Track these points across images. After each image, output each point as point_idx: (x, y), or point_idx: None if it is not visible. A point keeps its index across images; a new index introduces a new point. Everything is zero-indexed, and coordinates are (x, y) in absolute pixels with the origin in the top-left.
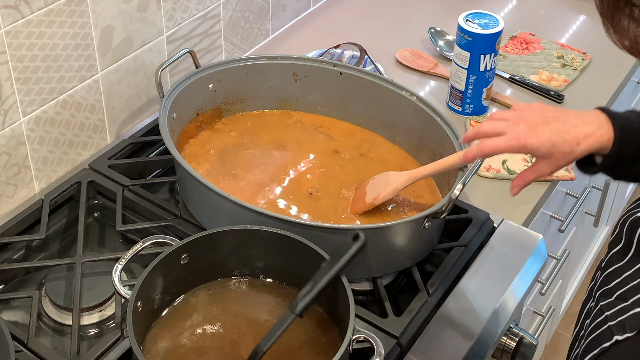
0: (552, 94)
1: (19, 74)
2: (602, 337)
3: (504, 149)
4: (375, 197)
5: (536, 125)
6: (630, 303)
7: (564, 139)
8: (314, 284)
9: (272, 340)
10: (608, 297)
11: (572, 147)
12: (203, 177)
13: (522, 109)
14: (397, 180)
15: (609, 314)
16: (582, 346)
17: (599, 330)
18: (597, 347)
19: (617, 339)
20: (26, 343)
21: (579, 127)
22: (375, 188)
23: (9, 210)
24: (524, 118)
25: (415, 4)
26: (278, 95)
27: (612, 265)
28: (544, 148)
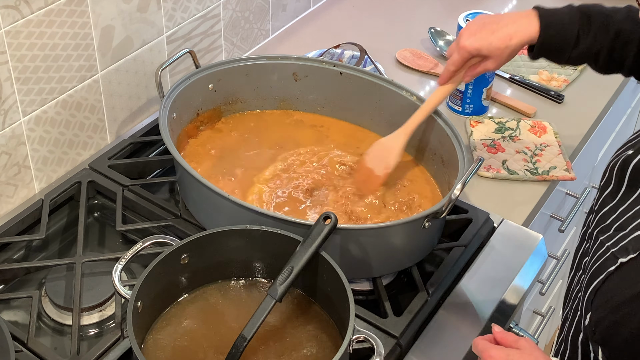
0: (552, 94)
1: (19, 74)
2: (606, 264)
3: (458, 60)
4: (387, 166)
5: (475, 32)
6: (629, 230)
7: (498, 37)
8: (292, 268)
9: (255, 328)
10: (606, 232)
11: (506, 42)
12: (203, 177)
13: (464, 27)
14: (396, 141)
15: (610, 244)
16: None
17: (601, 260)
18: (602, 273)
19: (621, 262)
20: (26, 343)
21: (510, 25)
22: (378, 159)
23: (9, 210)
24: (466, 31)
25: (415, 4)
26: (278, 95)
27: (606, 206)
28: (485, 48)
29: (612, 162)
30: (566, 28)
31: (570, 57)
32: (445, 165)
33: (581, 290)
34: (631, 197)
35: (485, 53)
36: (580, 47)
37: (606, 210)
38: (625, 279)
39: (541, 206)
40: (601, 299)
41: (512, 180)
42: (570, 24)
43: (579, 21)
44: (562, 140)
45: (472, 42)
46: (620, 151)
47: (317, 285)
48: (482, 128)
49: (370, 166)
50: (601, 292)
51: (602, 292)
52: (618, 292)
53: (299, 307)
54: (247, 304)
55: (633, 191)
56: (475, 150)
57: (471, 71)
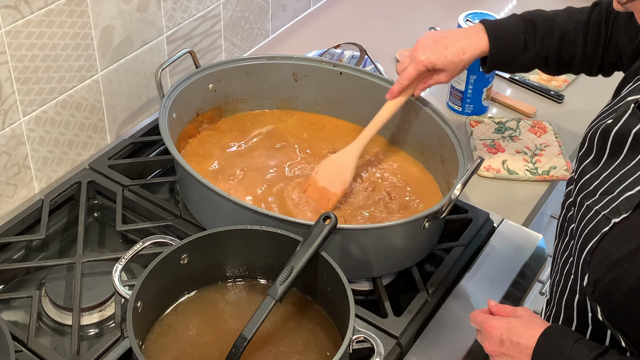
0: (552, 94)
1: (19, 74)
2: (599, 226)
3: (413, 74)
4: (343, 182)
5: (429, 47)
6: (617, 193)
7: (452, 51)
8: (292, 268)
9: (255, 328)
10: (591, 197)
11: (460, 56)
12: (203, 177)
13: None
14: (348, 157)
15: (599, 207)
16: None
17: (593, 223)
18: (597, 235)
19: (614, 222)
20: (26, 343)
21: (462, 41)
22: (332, 176)
23: (9, 210)
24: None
25: (415, 4)
26: (278, 95)
27: (587, 174)
28: (440, 62)
29: (591, 131)
30: (513, 38)
31: (522, 64)
32: (445, 165)
33: (572, 254)
34: (614, 163)
35: (440, 67)
36: (529, 54)
37: (588, 178)
38: (619, 237)
39: (541, 206)
40: (598, 259)
41: (512, 180)
42: (517, 33)
43: (524, 30)
44: (562, 140)
45: (427, 57)
46: (596, 121)
47: (317, 285)
48: (482, 128)
49: (322, 184)
50: (597, 252)
51: (598, 252)
52: (614, 250)
53: (299, 307)
54: (247, 304)
55: (615, 157)
56: (475, 150)
57: (423, 84)
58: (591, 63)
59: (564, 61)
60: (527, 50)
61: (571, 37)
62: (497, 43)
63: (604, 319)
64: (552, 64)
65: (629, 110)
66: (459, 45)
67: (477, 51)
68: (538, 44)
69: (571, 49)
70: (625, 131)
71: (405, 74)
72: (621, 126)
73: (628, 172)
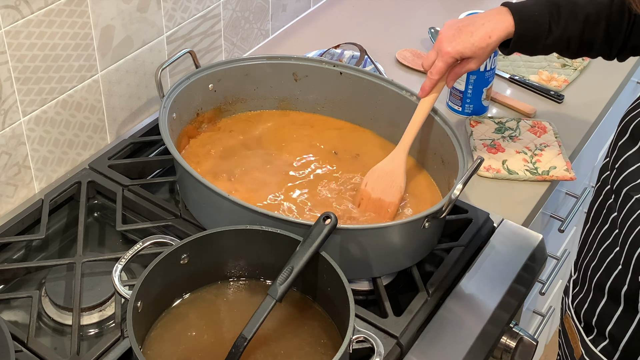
0: (552, 94)
1: (19, 74)
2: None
3: (442, 67)
4: (399, 189)
5: (454, 37)
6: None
7: (478, 37)
8: (292, 268)
9: (255, 328)
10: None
11: (487, 40)
12: (203, 177)
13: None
14: (397, 162)
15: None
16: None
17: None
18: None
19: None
20: (26, 343)
21: (486, 25)
22: (384, 185)
23: (9, 210)
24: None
25: (415, 4)
26: (278, 95)
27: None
28: (468, 50)
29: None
30: (538, 19)
31: (545, 46)
32: (445, 165)
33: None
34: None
35: (469, 54)
36: (553, 35)
37: (634, 169)
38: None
39: (541, 206)
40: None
41: (512, 180)
42: (541, 15)
43: (549, 11)
44: (562, 140)
45: (454, 47)
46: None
47: (317, 285)
48: (482, 128)
49: (376, 196)
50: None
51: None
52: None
53: (299, 307)
54: (247, 304)
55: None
56: (475, 150)
57: (454, 74)
58: (612, 46)
59: (586, 44)
60: (551, 32)
61: (594, 19)
62: (522, 24)
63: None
64: (573, 47)
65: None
66: (484, 30)
67: (503, 33)
68: (562, 25)
69: (594, 31)
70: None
71: (435, 68)
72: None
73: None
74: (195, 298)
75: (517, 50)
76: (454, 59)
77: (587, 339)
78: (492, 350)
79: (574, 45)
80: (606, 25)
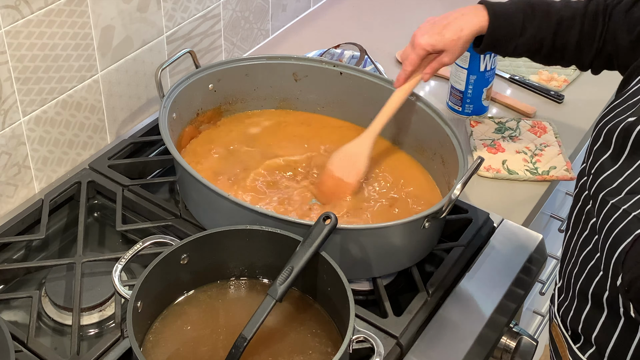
0: (552, 94)
1: (19, 74)
2: (630, 226)
3: (415, 59)
4: (357, 172)
5: (428, 31)
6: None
7: (450, 30)
8: (292, 268)
9: (255, 328)
10: (617, 194)
11: (458, 33)
12: (203, 177)
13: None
14: (362, 146)
15: (628, 207)
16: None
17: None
18: (630, 235)
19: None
20: (26, 343)
21: (459, 19)
22: (346, 166)
23: (9, 210)
24: (419, 32)
25: (415, 4)
26: (278, 95)
27: (606, 170)
28: (440, 42)
29: (608, 127)
30: (512, 16)
31: (517, 45)
32: (445, 165)
33: (598, 250)
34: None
35: (441, 47)
36: (526, 35)
37: (609, 174)
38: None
39: (541, 206)
40: (633, 260)
41: (512, 180)
42: (516, 12)
43: (523, 10)
44: (562, 140)
45: (426, 39)
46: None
47: (317, 285)
48: (482, 128)
49: (338, 175)
50: (632, 253)
51: (633, 254)
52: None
53: (299, 307)
54: (247, 304)
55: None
56: (475, 150)
57: (430, 68)
58: (584, 54)
59: (558, 49)
60: (524, 31)
61: (568, 23)
62: (496, 20)
63: (636, 315)
64: (545, 50)
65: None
66: (457, 23)
67: (476, 27)
68: (535, 25)
69: (567, 36)
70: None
71: (408, 60)
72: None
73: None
74: (195, 298)
75: (489, 48)
76: (426, 51)
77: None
78: (492, 350)
79: (546, 49)
80: (579, 30)
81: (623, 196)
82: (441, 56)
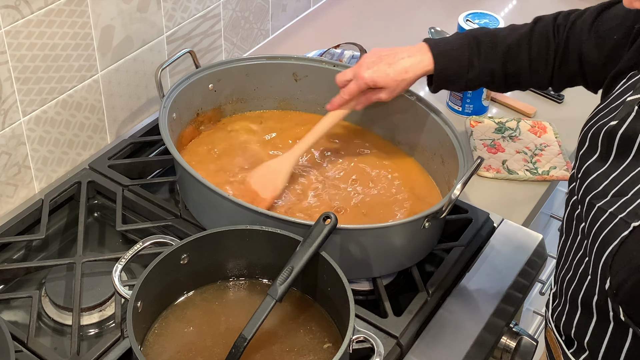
0: (552, 94)
1: (19, 74)
2: (617, 229)
3: (355, 90)
4: (274, 189)
5: (373, 64)
6: (631, 195)
7: (395, 70)
8: (292, 268)
9: (255, 328)
10: (602, 198)
11: (402, 75)
12: (203, 177)
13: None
14: (283, 165)
15: (614, 210)
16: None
17: (610, 226)
18: (616, 238)
19: (634, 226)
20: (26, 343)
21: (405, 59)
22: (265, 182)
23: (9, 210)
24: (363, 61)
25: (415, 4)
26: (278, 95)
27: (592, 173)
28: (382, 80)
29: (592, 131)
30: (457, 54)
31: (468, 80)
32: (445, 165)
33: (587, 255)
34: (623, 164)
35: (382, 85)
36: (474, 69)
37: (595, 178)
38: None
39: (541, 206)
40: (620, 263)
41: (512, 180)
42: (460, 49)
43: (468, 45)
44: (562, 140)
45: (370, 74)
46: (595, 120)
47: (317, 285)
48: (482, 128)
49: (255, 188)
50: (619, 256)
51: (620, 257)
52: (636, 254)
53: (299, 307)
54: (247, 304)
55: (624, 158)
56: (475, 150)
57: (365, 99)
58: (540, 76)
59: (511, 76)
60: (472, 66)
61: (515, 51)
62: (441, 60)
63: (626, 319)
64: (498, 80)
65: (633, 112)
66: (402, 64)
67: (421, 70)
68: (482, 59)
69: (517, 62)
70: (632, 133)
71: (347, 89)
72: (627, 128)
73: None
74: (196, 298)
75: (441, 87)
76: (367, 85)
77: (569, 352)
78: (492, 350)
79: (499, 79)
80: (528, 54)
81: (609, 199)
82: (380, 92)
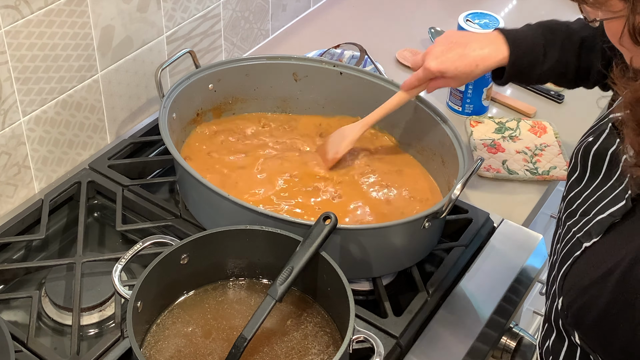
0: (552, 94)
1: (19, 74)
2: (572, 249)
3: (422, 77)
4: (336, 152)
5: (442, 53)
6: (592, 215)
7: (464, 62)
8: (292, 268)
9: (255, 328)
10: (573, 217)
11: (472, 68)
12: (203, 177)
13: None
14: (352, 131)
15: (576, 229)
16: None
17: (569, 245)
18: (570, 258)
19: (585, 246)
20: (26, 343)
21: (477, 51)
22: (334, 143)
23: (9, 210)
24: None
25: (415, 4)
26: (278, 95)
27: (572, 192)
28: (451, 72)
29: (576, 149)
30: (533, 43)
31: (542, 72)
32: (445, 165)
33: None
34: (594, 183)
35: (450, 76)
36: (549, 60)
37: (572, 196)
38: (589, 261)
39: (541, 206)
40: (569, 283)
41: (512, 180)
42: (536, 38)
43: (543, 35)
44: (562, 140)
45: (437, 65)
46: (582, 138)
47: (317, 285)
48: (482, 128)
49: (326, 148)
50: (570, 276)
51: (570, 277)
52: (584, 276)
53: (299, 307)
54: (247, 304)
55: (596, 177)
56: (475, 150)
57: (434, 86)
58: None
59: (583, 70)
60: (546, 57)
61: (590, 43)
62: (518, 49)
63: (581, 342)
64: (571, 73)
65: (607, 130)
66: (473, 56)
67: (493, 64)
68: (558, 50)
69: (590, 56)
70: (603, 150)
71: (416, 75)
72: (600, 145)
73: (603, 194)
74: (195, 298)
75: (512, 79)
76: (434, 75)
77: None
78: (492, 350)
79: (571, 72)
80: (602, 50)
81: (577, 218)
82: (450, 80)
